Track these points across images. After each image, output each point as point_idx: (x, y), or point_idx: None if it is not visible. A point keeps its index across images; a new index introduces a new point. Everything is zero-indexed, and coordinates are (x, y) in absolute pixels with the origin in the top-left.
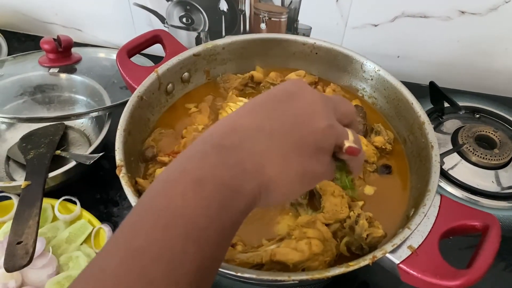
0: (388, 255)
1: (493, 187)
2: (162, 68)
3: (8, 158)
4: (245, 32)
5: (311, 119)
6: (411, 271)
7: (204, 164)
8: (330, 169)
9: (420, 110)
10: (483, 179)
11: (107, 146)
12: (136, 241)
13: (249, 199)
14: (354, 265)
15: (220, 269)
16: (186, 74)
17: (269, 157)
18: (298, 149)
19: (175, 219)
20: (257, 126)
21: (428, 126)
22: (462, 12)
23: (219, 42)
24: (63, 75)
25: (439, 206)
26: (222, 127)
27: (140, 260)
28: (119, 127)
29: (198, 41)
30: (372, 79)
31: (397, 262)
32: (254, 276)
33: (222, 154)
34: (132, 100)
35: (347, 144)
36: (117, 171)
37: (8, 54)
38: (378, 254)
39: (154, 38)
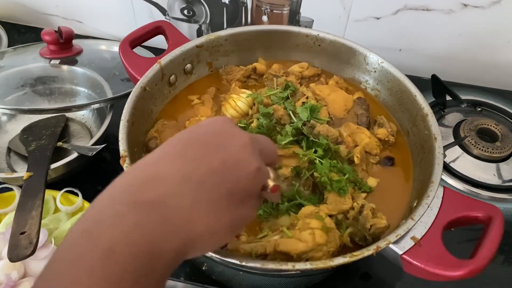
0: (391, 245)
1: (494, 180)
2: (165, 59)
3: (9, 150)
4: (246, 24)
5: (242, 164)
6: (414, 262)
7: (116, 230)
8: (256, 209)
9: (423, 102)
10: (484, 172)
11: (108, 138)
12: None
13: (171, 260)
14: (358, 255)
15: (224, 259)
16: (189, 65)
17: (197, 211)
18: (228, 198)
19: None
20: (183, 176)
21: (432, 118)
22: (465, 5)
23: (222, 33)
24: (64, 67)
25: (442, 198)
26: (140, 176)
27: None
28: (122, 118)
29: (199, 34)
30: (375, 71)
31: (401, 252)
32: (258, 265)
33: (140, 214)
34: (135, 91)
35: (271, 183)
36: (121, 162)
37: (9, 46)
38: (382, 244)
39: (156, 29)
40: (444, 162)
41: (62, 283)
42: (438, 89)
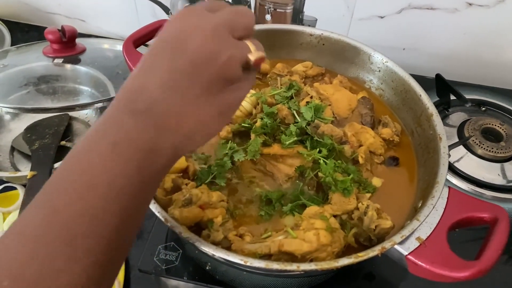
0: (396, 246)
1: (498, 180)
2: None
3: (12, 149)
4: None
5: (209, 59)
6: (420, 263)
7: (119, 129)
8: (246, 85)
9: (428, 102)
10: (489, 172)
11: None
12: (57, 200)
13: (169, 155)
14: (363, 256)
15: (228, 259)
16: None
17: (183, 110)
18: (207, 91)
19: (95, 179)
20: (162, 84)
21: (437, 118)
22: (470, 4)
23: None
24: (68, 66)
25: (447, 198)
26: (129, 91)
27: (61, 217)
28: None
29: None
30: (379, 71)
31: (406, 253)
32: (262, 265)
33: (135, 120)
34: None
35: (252, 58)
36: None
37: (12, 45)
38: (387, 245)
39: (160, 28)
40: (448, 161)
41: (80, 164)
42: (442, 89)
